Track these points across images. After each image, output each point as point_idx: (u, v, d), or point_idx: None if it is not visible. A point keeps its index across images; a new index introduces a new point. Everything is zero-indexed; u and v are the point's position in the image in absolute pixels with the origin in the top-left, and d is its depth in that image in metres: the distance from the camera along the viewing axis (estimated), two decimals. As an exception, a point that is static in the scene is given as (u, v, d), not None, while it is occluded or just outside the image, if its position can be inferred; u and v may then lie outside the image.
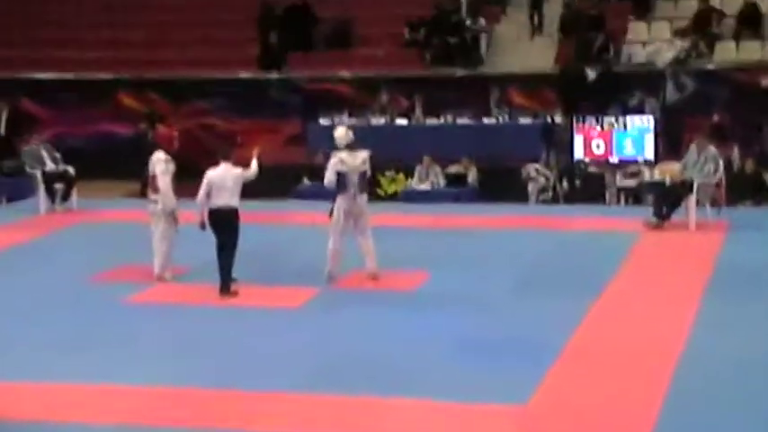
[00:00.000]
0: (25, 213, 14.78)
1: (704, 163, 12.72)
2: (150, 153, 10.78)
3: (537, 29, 19.86)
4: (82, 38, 21.76)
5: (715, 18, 18.85)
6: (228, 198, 10.00)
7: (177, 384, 7.79)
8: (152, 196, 10.58)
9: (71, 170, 15.08)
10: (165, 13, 22.01)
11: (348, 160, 10.42)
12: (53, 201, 14.85)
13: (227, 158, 10.17)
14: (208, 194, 9.99)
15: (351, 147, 10.53)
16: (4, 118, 20.03)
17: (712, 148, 12.96)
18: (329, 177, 10.41)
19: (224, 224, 9.99)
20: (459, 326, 9.06)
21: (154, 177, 10.50)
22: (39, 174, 14.85)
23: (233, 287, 10.03)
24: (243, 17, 21.04)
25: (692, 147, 13.02)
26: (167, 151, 10.64)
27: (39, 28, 22.25)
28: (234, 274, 10.11)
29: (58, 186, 14.90)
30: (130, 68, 20.59)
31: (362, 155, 10.58)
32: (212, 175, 10.03)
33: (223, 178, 9.99)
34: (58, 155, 15.27)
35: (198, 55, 20.78)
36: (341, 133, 10.67)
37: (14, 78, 20.66)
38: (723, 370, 7.79)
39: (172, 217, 10.49)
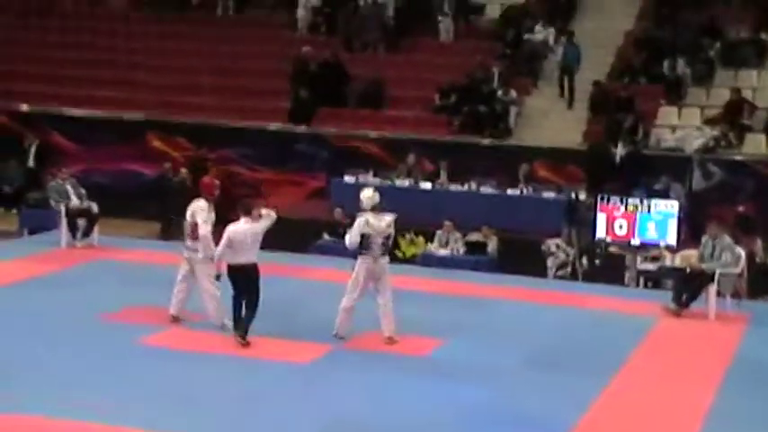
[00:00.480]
0: (46, 246, 14.81)
1: (720, 253, 12.61)
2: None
3: (568, 103, 19.99)
4: (116, 78, 22.05)
5: (746, 109, 18.89)
6: (248, 254, 10.01)
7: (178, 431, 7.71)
8: (190, 243, 10.59)
9: (95, 207, 15.16)
10: (199, 59, 22.29)
11: (374, 223, 10.41)
12: (74, 236, 14.90)
13: (247, 214, 10.13)
14: (227, 248, 9.98)
15: (376, 209, 10.49)
16: (33, 151, 20.22)
17: (727, 238, 12.84)
18: (353, 239, 10.40)
19: (245, 280, 9.98)
20: (469, 396, 8.96)
21: (195, 225, 10.51)
22: (62, 208, 14.93)
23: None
24: (276, 69, 21.27)
25: (705, 238, 12.90)
26: (208, 200, 10.68)
27: (75, 66, 22.59)
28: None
29: (81, 222, 14.97)
30: (161, 111, 20.81)
31: (388, 218, 10.61)
32: (233, 231, 10.00)
33: (244, 234, 9.98)
34: (83, 191, 15.37)
35: (228, 103, 20.98)
36: (368, 194, 10.67)
37: (46, 113, 20.92)
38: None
39: (211, 263, 10.46)
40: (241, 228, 10.00)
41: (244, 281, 9.96)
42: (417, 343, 10.63)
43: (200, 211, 10.53)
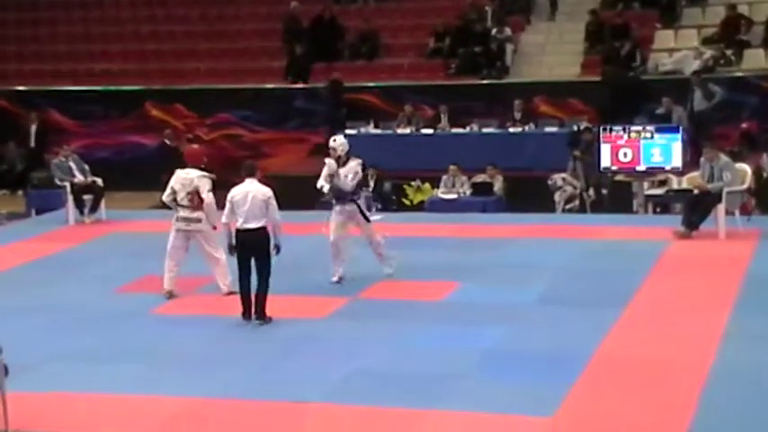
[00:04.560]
0: (54, 225, 14.89)
1: (720, 173, 12.60)
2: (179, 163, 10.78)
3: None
4: (109, 50, 21.98)
5: (743, 25, 18.72)
6: (254, 218, 9.52)
7: (206, 395, 7.82)
8: (189, 214, 10.30)
9: (99, 182, 15.19)
10: (191, 24, 22.18)
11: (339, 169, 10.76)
12: (81, 212, 14.96)
13: (250, 175, 9.76)
14: (231, 213, 9.61)
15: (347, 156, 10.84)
16: (33, 130, 20.21)
17: (723, 157, 12.81)
18: (320, 182, 10.85)
19: (252, 245, 9.55)
20: (486, 337, 9.03)
21: (196, 194, 10.25)
22: (67, 186, 14.97)
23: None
24: (269, 29, 21.15)
25: (702, 161, 12.88)
26: (198, 168, 10.50)
27: (65, 41, 22.52)
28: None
29: (87, 198, 15.02)
30: (157, 80, 20.75)
31: (352, 164, 10.89)
32: (234, 193, 9.61)
33: (244, 196, 9.53)
34: (86, 167, 15.38)
35: (224, 66, 20.91)
36: (342, 141, 11.02)
37: (42, 90, 20.89)
38: (755, 382, 7.70)
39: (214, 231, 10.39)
40: (243, 189, 9.66)
41: (251, 246, 9.57)
42: (432, 288, 10.70)
43: (202, 180, 10.32)
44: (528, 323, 9.45)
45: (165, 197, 10.54)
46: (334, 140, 11.13)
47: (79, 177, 15.11)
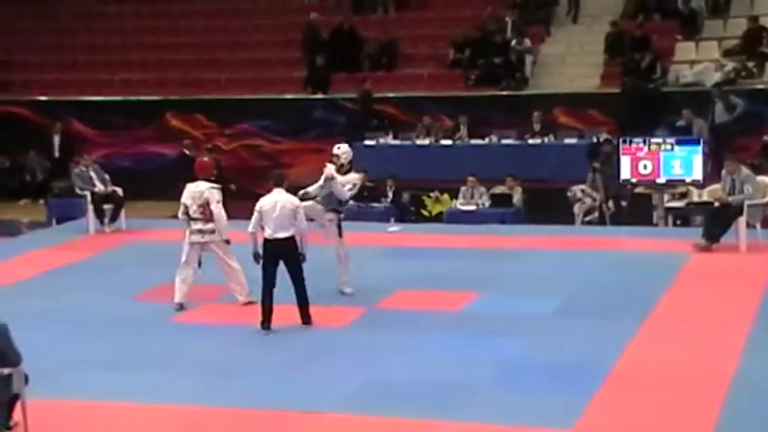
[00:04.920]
0: (75, 234, 14.96)
1: (741, 186, 12.52)
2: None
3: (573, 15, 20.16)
4: (130, 60, 22.12)
5: (765, 37, 18.61)
6: (283, 228, 9.56)
7: (222, 404, 7.83)
8: (202, 226, 10.33)
9: (119, 191, 15.27)
10: (211, 35, 22.28)
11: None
12: (102, 222, 15.03)
13: (278, 185, 9.79)
14: (258, 222, 9.66)
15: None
16: (57, 140, 20.31)
17: (744, 170, 12.74)
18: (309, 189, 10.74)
19: (281, 255, 9.58)
20: (504, 347, 8.99)
21: (207, 206, 10.30)
22: (88, 195, 15.04)
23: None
24: (288, 39, 21.22)
25: (723, 173, 12.81)
26: (208, 181, 10.50)
27: (86, 51, 22.67)
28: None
29: (107, 207, 15.09)
30: (178, 90, 20.86)
31: (353, 175, 10.89)
32: (262, 202, 9.67)
33: (273, 206, 9.58)
34: (106, 176, 15.46)
35: (244, 76, 20.99)
36: (345, 149, 10.94)
37: (65, 101, 21.01)
38: (776, 395, 7.63)
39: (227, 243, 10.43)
40: (271, 199, 9.70)
41: (282, 255, 9.60)
42: (450, 298, 10.68)
43: (213, 192, 10.31)
44: (546, 334, 9.40)
45: (180, 214, 10.58)
46: (339, 148, 11.04)
47: (99, 187, 15.19)
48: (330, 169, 10.72)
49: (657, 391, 7.82)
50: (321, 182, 10.74)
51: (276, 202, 9.63)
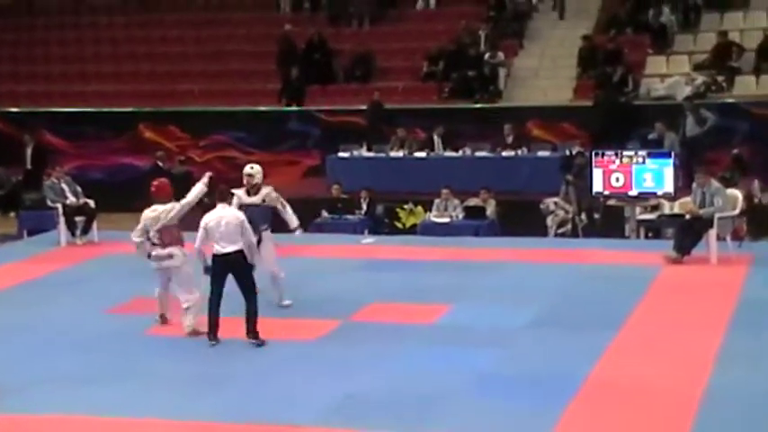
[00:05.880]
0: (46, 246, 14.84)
1: (711, 199, 12.64)
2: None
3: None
4: (102, 71, 22.01)
5: (735, 51, 18.85)
6: (231, 242, 9.51)
7: (200, 418, 7.78)
8: (164, 251, 9.98)
9: (91, 203, 15.17)
10: (185, 45, 22.24)
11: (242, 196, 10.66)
12: (74, 234, 14.93)
13: (223, 200, 9.80)
14: (206, 239, 9.59)
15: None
16: (29, 152, 20.14)
17: (714, 183, 12.86)
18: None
19: (231, 270, 9.55)
20: (478, 360, 9.01)
21: (165, 230, 9.95)
22: (59, 207, 14.94)
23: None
24: (263, 51, 21.21)
25: (694, 186, 12.93)
26: (165, 203, 10.09)
27: (59, 62, 22.56)
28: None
29: (79, 219, 14.99)
30: (151, 101, 20.78)
31: (264, 191, 10.86)
32: (206, 218, 9.64)
33: (218, 221, 9.54)
34: (78, 188, 15.36)
35: (218, 87, 20.95)
36: (258, 170, 10.85)
37: (36, 111, 20.88)
38: (748, 406, 7.69)
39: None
40: (216, 215, 9.65)
41: (230, 271, 9.58)
42: (425, 311, 10.69)
43: (172, 211, 9.96)
44: (521, 346, 9.43)
45: (136, 236, 10.20)
46: (252, 167, 10.82)
47: (71, 199, 15.10)
48: (241, 197, 10.63)
49: (630, 403, 7.86)
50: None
51: (221, 217, 9.64)
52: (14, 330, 10.22)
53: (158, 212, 10.12)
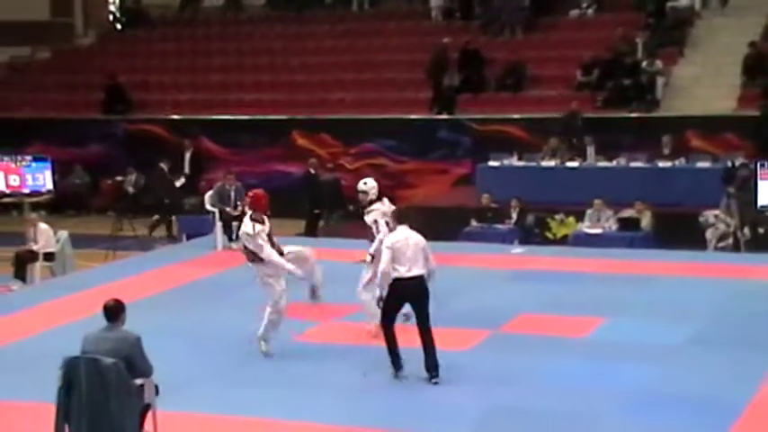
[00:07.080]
0: (203, 250, 15.28)
1: None
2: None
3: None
4: (260, 80, 22.60)
5: None
6: (417, 265, 8.78)
7: (347, 423, 7.83)
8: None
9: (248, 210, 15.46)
10: (338, 55, 22.57)
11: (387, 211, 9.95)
12: (230, 238, 15.27)
13: (403, 222, 9.03)
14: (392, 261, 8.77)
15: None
16: (188, 157, 20.80)
17: None
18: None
19: (410, 296, 8.90)
20: (632, 377, 8.72)
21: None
22: (216, 212, 15.35)
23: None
24: (414, 60, 21.29)
25: None
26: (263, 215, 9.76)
27: (219, 72, 23.25)
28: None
29: (235, 225, 15.33)
30: (304, 109, 21.18)
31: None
32: (393, 239, 8.86)
33: (406, 242, 8.80)
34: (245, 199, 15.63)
35: (369, 96, 21.15)
36: (372, 184, 10.12)
37: (195, 119, 21.59)
38: None
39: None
40: (401, 235, 8.88)
41: (410, 296, 8.87)
42: (577, 324, 10.45)
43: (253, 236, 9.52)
44: (677, 364, 9.08)
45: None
46: (365, 183, 10.13)
47: (230, 208, 15.35)
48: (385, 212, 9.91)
49: (798, 429, 7.44)
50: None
51: (407, 238, 8.90)
52: (173, 331, 10.54)
53: (243, 232, 9.80)
